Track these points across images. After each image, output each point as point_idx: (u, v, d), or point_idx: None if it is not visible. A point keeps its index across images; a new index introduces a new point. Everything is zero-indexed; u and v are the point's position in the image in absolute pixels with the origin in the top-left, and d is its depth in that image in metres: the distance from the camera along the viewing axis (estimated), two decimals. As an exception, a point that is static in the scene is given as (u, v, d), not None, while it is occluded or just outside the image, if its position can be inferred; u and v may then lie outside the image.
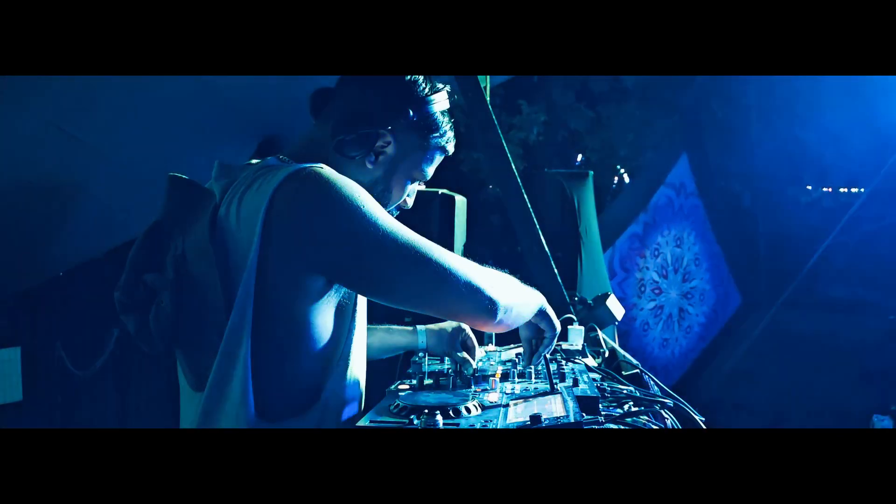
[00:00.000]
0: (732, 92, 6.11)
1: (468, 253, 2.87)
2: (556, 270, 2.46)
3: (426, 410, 1.19)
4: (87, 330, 3.30)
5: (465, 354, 1.58)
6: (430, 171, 1.38)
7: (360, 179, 1.22)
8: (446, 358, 1.65)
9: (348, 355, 1.23)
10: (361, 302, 1.29)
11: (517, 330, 1.45)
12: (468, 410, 1.24)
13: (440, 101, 1.34)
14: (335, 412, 1.21)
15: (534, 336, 1.49)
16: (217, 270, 1.11)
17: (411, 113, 1.29)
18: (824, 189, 9.75)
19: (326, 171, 1.14)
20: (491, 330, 1.40)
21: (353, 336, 1.24)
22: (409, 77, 1.31)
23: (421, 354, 1.63)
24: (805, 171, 7.74)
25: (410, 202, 1.41)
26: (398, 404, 1.27)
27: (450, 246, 2.66)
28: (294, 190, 1.10)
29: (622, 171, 8.07)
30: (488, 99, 2.44)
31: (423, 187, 1.48)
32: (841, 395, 6.05)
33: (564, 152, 7.45)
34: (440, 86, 1.35)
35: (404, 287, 1.17)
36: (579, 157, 7.50)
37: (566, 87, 6.80)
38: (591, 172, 3.26)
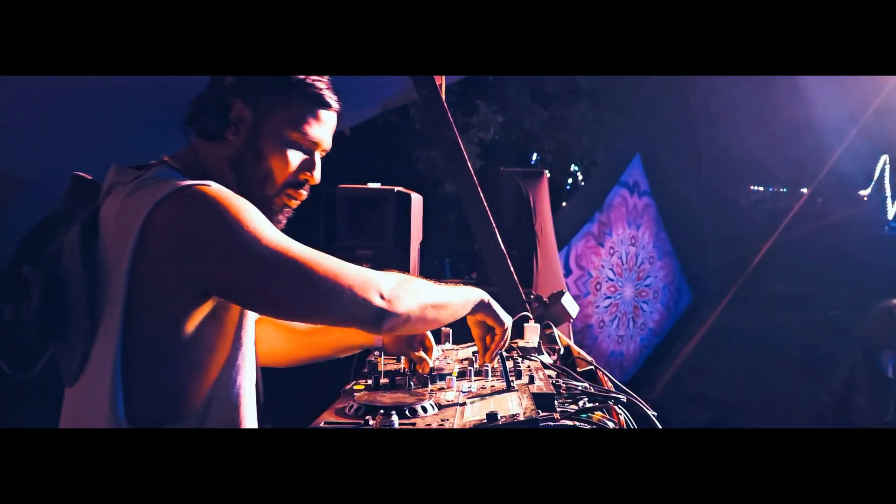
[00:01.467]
0: (681, 94, 6.26)
1: (424, 250, 2.87)
2: (512, 268, 2.47)
3: (381, 411, 1.18)
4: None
5: (422, 354, 1.57)
6: (316, 131, 1.28)
7: (226, 156, 1.23)
8: (403, 357, 1.64)
9: (232, 366, 1.20)
10: (251, 314, 1.27)
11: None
12: (424, 410, 1.24)
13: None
14: (216, 421, 1.17)
15: (486, 333, 1.50)
16: (84, 270, 1.11)
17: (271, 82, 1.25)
18: (769, 189, 10.10)
19: (212, 189, 1.12)
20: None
21: (240, 347, 1.22)
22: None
23: (377, 353, 1.61)
24: (750, 172, 8.01)
25: (316, 175, 1.32)
26: (354, 405, 1.26)
27: (406, 243, 2.65)
28: (176, 206, 1.09)
29: (577, 170, 8.19)
30: (444, 97, 2.44)
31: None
32: (785, 386, 6.29)
33: (520, 151, 7.51)
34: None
35: (288, 303, 1.17)
36: (535, 156, 7.57)
37: (521, 86, 6.85)
38: (547, 172, 3.28)
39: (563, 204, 7.09)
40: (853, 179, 9.63)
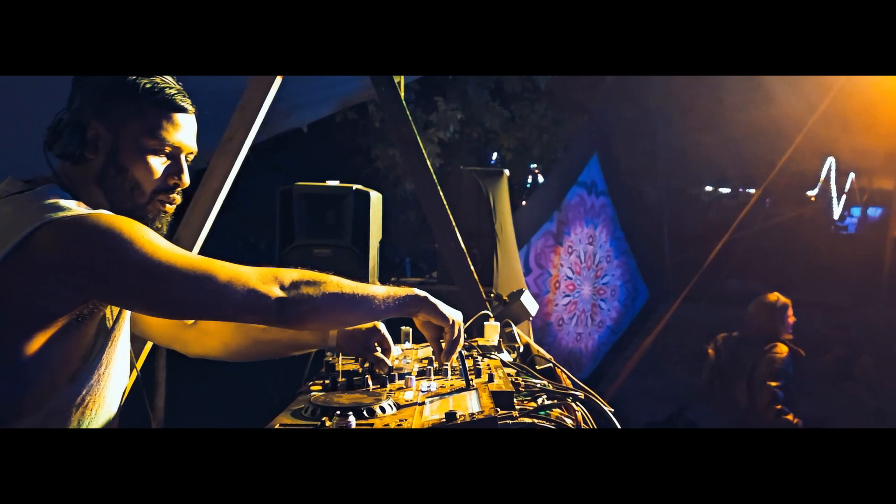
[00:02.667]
0: (638, 94, 6.37)
1: (384, 249, 2.84)
2: (472, 267, 2.47)
3: (338, 412, 1.16)
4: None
5: (379, 354, 1.56)
6: (172, 135, 1.30)
7: (91, 175, 1.27)
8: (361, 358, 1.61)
9: (91, 372, 1.24)
10: (123, 323, 1.32)
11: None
12: (383, 410, 1.22)
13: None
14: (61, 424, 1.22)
15: (438, 334, 1.49)
16: None
17: (104, 92, 1.26)
18: (723, 190, 10.39)
19: (104, 214, 1.18)
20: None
21: (103, 355, 1.27)
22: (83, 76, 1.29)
23: (333, 354, 1.59)
24: (705, 172, 8.22)
25: (185, 179, 1.34)
26: (310, 406, 1.24)
27: (365, 242, 2.62)
28: (66, 228, 1.13)
29: (536, 169, 8.25)
30: (402, 95, 2.42)
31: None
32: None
33: (480, 150, 7.52)
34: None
35: (189, 303, 1.21)
36: (495, 155, 7.59)
37: (481, 85, 6.86)
38: (506, 171, 3.29)
39: (523, 203, 7.14)
40: (801, 180, 10.00)
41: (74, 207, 1.17)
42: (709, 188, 9.70)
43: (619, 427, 1.29)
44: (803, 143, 6.39)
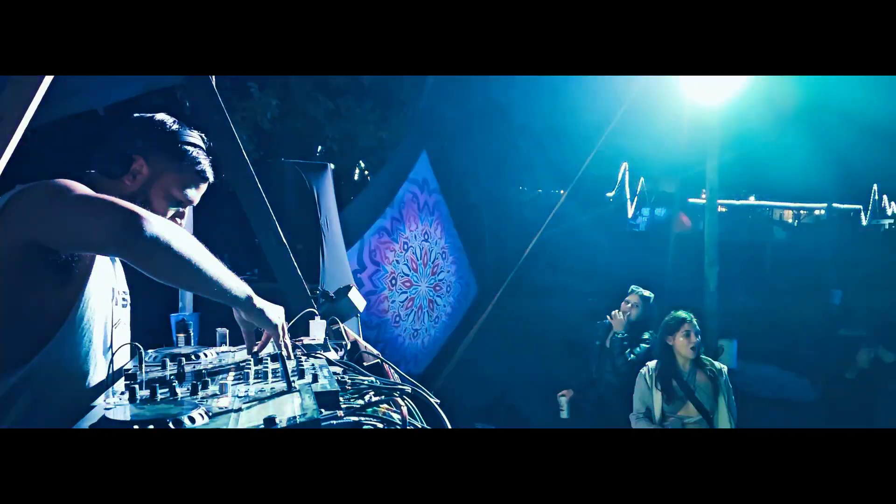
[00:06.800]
0: (459, 95, 6.57)
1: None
2: (295, 263, 2.36)
3: (136, 426, 1.02)
4: None
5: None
6: (193, 194, 1.64)
7: (119, 193, 1.44)
8: (168, 362, 1.46)
9: (63, 339, 1.39)
10: (92, 281, 1.44)
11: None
12: (192, 420, 1.10)
13: (191, 137, 1.63)
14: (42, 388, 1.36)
15: (251, 329, 1.56)
16: None
17: (161, 144, 1.58)
18: (536, 190, 11.15)
19: (51, 181, 1.36)
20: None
21: (75, 323, 1.40)
22: (158, 118, 1.62)
23: (134, 365, 1.41)
24: (520, 172, 8.75)
25: (181, 223, 1.62)
26: (103, 420, 1.08)
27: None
28: (30, 189, 1.35)
29: (364, 165, 8.18)
30: (213, 79, 2.23)
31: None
32: (551, 365, 7.00)
33: (303, 141, 7.24)
34: (190, 130, 1.64)
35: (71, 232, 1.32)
36: (319, 147, 7.36)
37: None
38: (331, 164, 3.20)
39: (352, 198, 7.05)
40: (601, 183, 11.06)
41: None
42: (523, 188, 10.36)
43: (445, 418, 1.30)
44: (602, 148, 7.05)
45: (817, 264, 11.25)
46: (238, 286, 1.46)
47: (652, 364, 3.58)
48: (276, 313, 1.53)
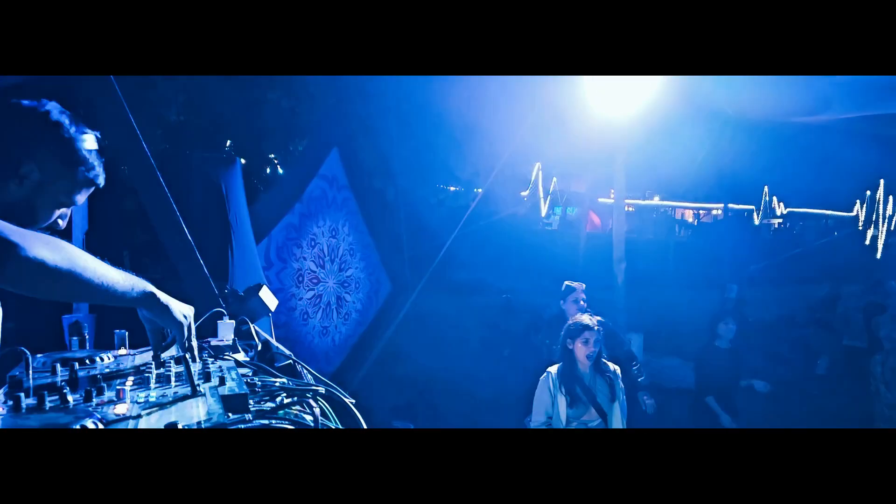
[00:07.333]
0: (373, 91, 6.50)
1: (93, 241, 2.45)
2: (202, 261, 2.25)
3: (19, 438, 0.93)
4: None
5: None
6: (81, 198, 1.53)
7: (3, 199, 1.40)
8: (58, 366, 1.35)
9: None
10: None
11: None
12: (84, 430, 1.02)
13: (88, 141, 1.50)
14: None
15: (156, 328, 1.50)
16: None
17: (55, 149, 1.45)
18: (452, 188, 11.23)
19: None
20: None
21: None
22: (54, 119, 1.46)
23: (20, 371, 1.30)
24: (437, 170, 8.79)
25: (63, 224, 1.54)
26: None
27: (67, 234, 2.23)
28: None
29: (275, 160, 7.95)
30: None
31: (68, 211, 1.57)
32: (469, 359, 7.10)
33: (212, 135, 6.93)
34: (88, 131, 1.51)
35: None
36: (228, 142, 7.08)
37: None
38: (240, 158, 3.08)
39: (263, 194, 6.83)
40: (516, 182, 11.30)
41: None
42: (441, 186, 10.42)
43: (360, 418, 1.28)
44: (517, 148, 7.19)
45: (715, 260, 12.00)
46: (136, 285, 1.37)
47: (553, 369, 3.57)
48: (183, 311, 1.45)
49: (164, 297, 1.42)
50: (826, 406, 6.90)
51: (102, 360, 1.53)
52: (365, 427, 1.29)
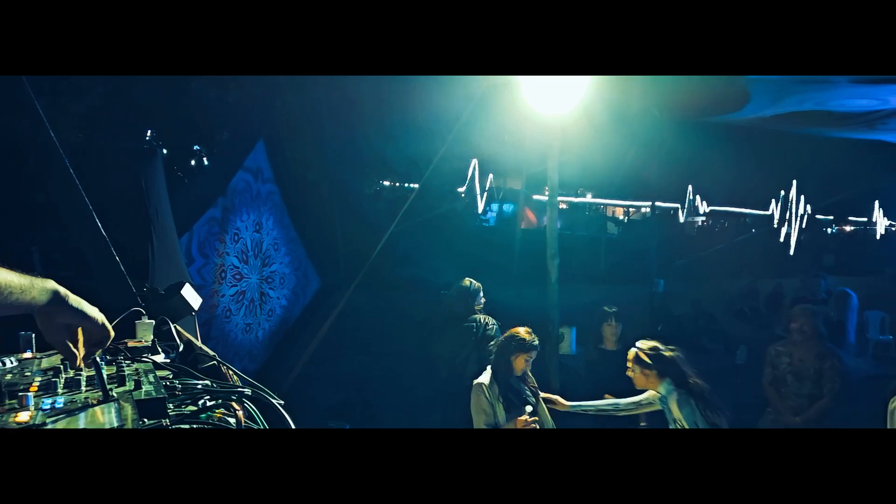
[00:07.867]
0: (303, 84, 6.33)
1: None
2: (118, 258, 2.11)
3: None
4: None
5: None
6: None
7: None
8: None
9: None
10: None
11: None
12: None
13: None
14: None
15: (70, 336, 1.23)
16: None
17: None
18: (386, 183, 11.16)
19: None
20: None
21: None
22: None
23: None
24: (372, 165, 8.70)
25: None
26: None
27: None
28: None
29: (200, 150, 7.67)
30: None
31: None
32: (407, 356, 7.05)
33: (132, 125, 6.59)
34: None
35: None
36: (150, 132, 6.75)
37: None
38: (162, 149, 2.93)
39: (185, 186, 6.56)
40: (452, 178, 11.34)
41: None
42: (378, 180, 10.33)
43: (288, 419, 1.22)
44: (453, 144, 7.19)
45: (644, 256, 12.41)
46: (38, 286, 1.16)
47: (486, 379, 3.59)
48: (90, 306, 1.25)
49: (74, 298, 1.22)
50: (745, 395, 7.26)
51: (4, 364, 1.42)
52: (293, 428, 1.23)
